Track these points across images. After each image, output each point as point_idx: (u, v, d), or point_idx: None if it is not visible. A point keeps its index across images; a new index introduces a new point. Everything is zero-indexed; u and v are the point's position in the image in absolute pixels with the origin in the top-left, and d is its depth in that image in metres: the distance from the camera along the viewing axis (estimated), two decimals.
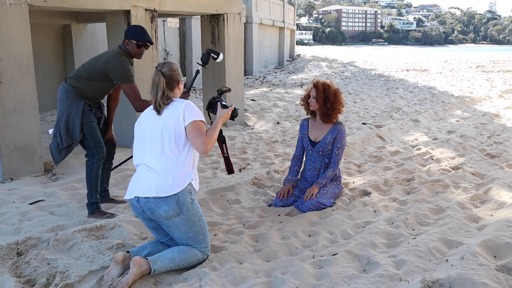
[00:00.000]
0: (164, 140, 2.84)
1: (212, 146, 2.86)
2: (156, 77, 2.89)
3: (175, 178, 2.80)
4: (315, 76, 18.08)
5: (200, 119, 2.85)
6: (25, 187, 4.58)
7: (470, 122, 8.26)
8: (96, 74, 3.70)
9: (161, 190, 2.78)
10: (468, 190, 4.43)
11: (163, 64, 2.97)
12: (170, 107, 2.89)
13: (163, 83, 2.87)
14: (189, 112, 2.85)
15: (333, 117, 4.05)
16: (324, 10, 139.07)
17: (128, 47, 3.75)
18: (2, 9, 4.63)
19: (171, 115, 2.85)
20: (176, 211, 2.81)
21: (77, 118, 3.66)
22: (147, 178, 2.83)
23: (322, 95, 3.99)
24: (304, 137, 4.19)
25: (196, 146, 2.82)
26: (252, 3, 18.43)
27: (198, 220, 2.91)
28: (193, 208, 2.89)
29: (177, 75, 2.97)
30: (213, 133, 2.88)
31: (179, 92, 3.02)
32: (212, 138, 2.85)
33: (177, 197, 2.80)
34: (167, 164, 2.82)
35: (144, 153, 2.91)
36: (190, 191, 2.87)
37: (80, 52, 9.35)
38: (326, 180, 4.03)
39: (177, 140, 2.84)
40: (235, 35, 7.49)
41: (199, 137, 2.80)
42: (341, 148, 4.08)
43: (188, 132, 2.83)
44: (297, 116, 8.91)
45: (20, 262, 2.93)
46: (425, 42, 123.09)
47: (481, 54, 29.06)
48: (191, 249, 2.90)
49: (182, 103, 2.88)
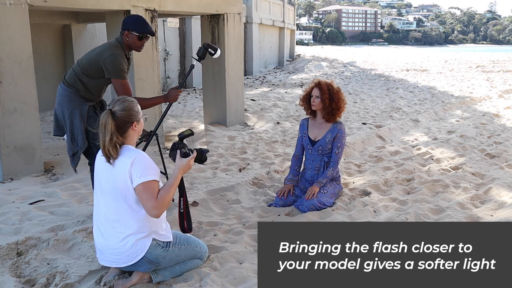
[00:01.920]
0: (116, 201, 2.55)
1: (166, 207, 2.55)
2: (104, 118, 2.49)
3: (133, 245, 2.55)
4: (315, 76, 18.07)
5: (151, 179, 2.48)
6: (25, 187, 4.58)
7: (470, 122, 8.26)
8: (90, 68, 3.53)
9: (126, 260, 2.59)
10: (468, 190, 4.43)
11: (116, 101, 2.56)
12: (119, 162, 2.52)
13: (112, 126, 2.47)
14: (137, 172, 2.47)
15: (337, 115, 4.06)
16: (324, 10, 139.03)
17: (128, 39, 3.53)
18: (2, 9, 4.63)
19: (119, 173, 2.51)
20: (154, 265, 2.66)
21: (81, 124, 3.54)
22: (106, 251, 2.62)
23: (327, 95, 3.98)
24: (304, 136, 4.19)
25: (146, 211, 2.50)
26: (252, 3, 18.42)
27: (179, 249, 2.74)
28: (168, 251, 2.68)
29: (130, 115, 2.53)
30: (166, 194, 2.51)
31: (135, 133, 2.61)
32: (166, 200, 2.50)
33: (146, 258, 2.60)
34: (121, 228, 2.55)
35: (99, 210, 2.65)
36: (157, 245, 2.63)
37: (80, 52, 9.33)
38: (326, 180, 4.03)
39: (128, 202, 2.53)
40: (235, 35, 7.49)
41: (148, 201, 2.46)
42: (341, 147, 4.09)
43: (137, 194, 2.49)
44: (297, 116, 8.91)
45: (20, 262, 2.94)
46: (425, 42, 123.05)
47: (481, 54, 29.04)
48: (191, 260, 2.85)
49: (130, 158, 2.50)
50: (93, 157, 3.62)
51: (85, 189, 4.48)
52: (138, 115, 2.60)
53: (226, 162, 5.55)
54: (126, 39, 3.54)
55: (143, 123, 2.67)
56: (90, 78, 3.57)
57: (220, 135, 6.95)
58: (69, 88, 3.59)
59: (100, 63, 3.48)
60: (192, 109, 9.77)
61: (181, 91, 3.77)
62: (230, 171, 5.18)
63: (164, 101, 3.75)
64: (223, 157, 5.77)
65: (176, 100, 3.76)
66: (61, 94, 3.62)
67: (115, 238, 2.57)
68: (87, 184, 4.40)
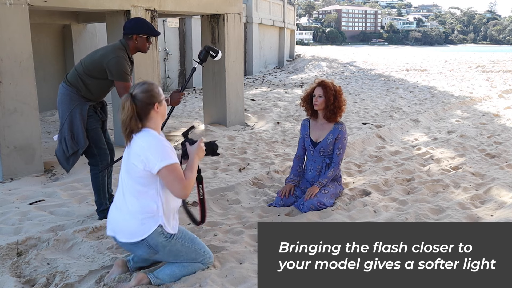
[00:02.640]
0: (128, 179, 2.59)
1: (192, 188, 2.59)
2: (124, 100, 2.53)
3: (139, 223, 2.57)
4: (315, 76, 18.08)
5: (173, 162, 2.49)
6: (25, 187, 4.58)
7: (470, 122, 8.26)
8: (93, 68, 3.54)
9: (127, 235, 2.60)
10: (468, 190, 4.43)
11: (136, 85, 2.60)
12: (134, 143, 2.54)
13: (130, 109, 2.50)
14: (156, 156, 2.47)
15: (338, 115, 4.04)
16: (324, 10, 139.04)
17: (137, 42, 3.57)
18: (2, 9, 4.63)
19: (133, 154, 2.54)
20: (152, 252, 2.64)
21: (82, 124, 3.53)
22: (115, 220, 2.66)
23: (332, 93, 3.97)
24: (306, 137, 4.18)
25: (175, 193, 2.52)
26: (252, 3, 18.42)
27: (182, 245, 2.70)
28: (171, 243, 2.65)
29: (151, 97, 2.55)
30: (191, 174, 2.57)
31: (159, 115, 2.62)
32: (192, 181, 2.56)
33: (146, 242, 2.59)
34: (130, 206, 2.58)
35: (119, 184, 2.70)
36: (161, 232, 2.60)
37: (80, 52, 9.34)
38: (327, 180, 4.03)
39: (140, 182, 2.55)
40: (235, 35, 7.49)
41: (177, 183, 2.48)
42: (342, 149, 4.08)
43: (163, 178, 2.51)
44: (297, 116, 8.91)
45: (20, 262, 2.94)
46: (425, 42, 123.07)
47: (481, 54, 29.04)
48: (192, 264, 2.77)
49: (146, 142, 2.51)
50: (94, 157, 3.64)
51: (85, 189, 4.48)
52: (160, 96, 2.60)
53: (226, 162, 5.55)
54: (135, 42, 3.58)
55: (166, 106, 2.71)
56: (92, 78, 3.57)
57: (220, 135, 6.95)
58: (70, 87, 3.59)
59: (103, 65, 3.50)
60: (192, 109, 9.77)
61: (183, 94, 3.77)
62: (230, 171, 5.18)
63: (167, 104, 3.75)
64: (223, 157, 5.77)
65: (179, 103, 3.77)
66: (62, 93, 3.62)
67: (126, 210, 2.60)
68: (87, 184, 4.39)
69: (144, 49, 3.64)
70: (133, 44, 3.59)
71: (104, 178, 3.70)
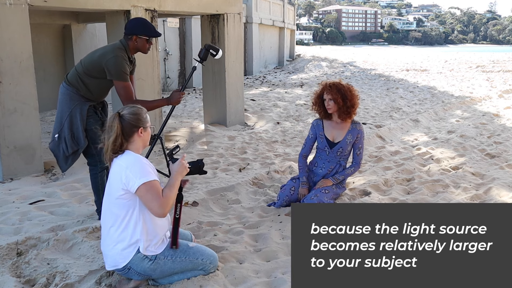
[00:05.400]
0: (109, 203, 2.56)
1: (171, 207, 2.50)
2: (111, 120, 2.53)
3: (118, 251, 2.53)
4: (315, 76, 18.08)
5: (152, 179, 2.45)
6: (25, 187, 4.58)
7: (470, 122, 8.27)
8: (92, 68, 3.53)
9: (111, 263, 2.58)
10: (468, 190, 4.43)
11: (126, 107, 2.63)
12: (115, 164, 2.53)
13: (118, 128, 2.49)
14: (135, 173, 2.44)
15: (353, 112, 3.98)
16: (324, 10, 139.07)
17: (137, 43, 3.57)
18: (2, 9, 4.63)
19: (114, 176, 2.52)
20: (144, 275, 2.60)
21: (81, 123, 3.53)
22: (103, 247, 2.63)
23: (340, 95, 3.89)
24: (320, 138, 4.09)
25: (152, 211, 2.44)
26: (252, 3, 18.43)
27: (173, 262, 2.62)
28: (159, 264, 2.58)
29: (137, 120, 2.55)
30: (170, 192, 2.48)
31: (140, 140, 2.59)
32: (170, 199, 2.48)
33: (132, 269, 2.55)
34: (112, 231, 2.55)
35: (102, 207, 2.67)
36: (143, 258, 2.54)
37: (80, 52, 9.34)
38: (343, 177, 4.06)
39: (119, 204, 2.50)
40: (235, 35, 7.49)
41: (154, 200, 2.42)
42: (362, 148, 4.09)
43: (141, 197, 2.45)
44: (297, 116, 8.92)
45: (20, 262, 2.94)
46: (425, 42, 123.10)
47: (481, 54, 29.04)
48: (192, 272, 2.72)
49: (125, 161, 2.50)
50: (93, 157, 3.64)
51: (85, 189, 4.48)
52: (146, 123, 2.60)
53: (226, 162, 5.55)
54: (135, 43, 3.58)
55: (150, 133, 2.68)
56: (92, 78, 3.57)
57: (220, 135, 6.95)
58: (70, 87, 3.60)
59: (102, 64, 3.49)
60: (192, 109, 9.77)
61: (184, 93, 3.77)
62: (230, 171, 5.19)
63: (167, 103, 3.75)
64: (223, 157, 5.77)
65: (179, 103, 3.77)
66: (62, 92, 3.62)
67: (109, 240, 2.57)
68: (87, 184, 4.39)
69: (144, 49, 3.64)
70: (133, 45, 3.59)
71: (103, 178, 3.70)
